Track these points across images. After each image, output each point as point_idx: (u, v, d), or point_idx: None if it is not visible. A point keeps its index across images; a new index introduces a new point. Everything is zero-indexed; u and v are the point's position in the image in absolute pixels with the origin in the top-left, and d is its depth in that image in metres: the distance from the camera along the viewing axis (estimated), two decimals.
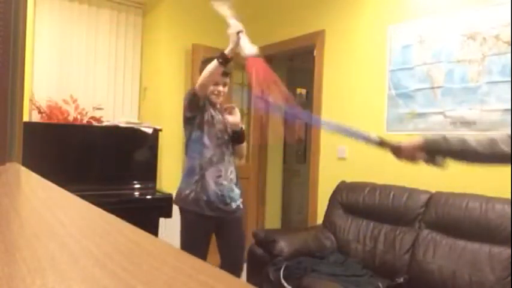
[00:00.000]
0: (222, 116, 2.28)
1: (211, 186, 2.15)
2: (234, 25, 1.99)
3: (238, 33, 1.95)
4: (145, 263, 0.31)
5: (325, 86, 3.39)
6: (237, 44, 1.96)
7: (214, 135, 2.21)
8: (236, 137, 2.27)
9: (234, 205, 2.22)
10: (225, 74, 2.20)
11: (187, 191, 2.16)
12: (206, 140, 2.17)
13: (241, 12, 4.02)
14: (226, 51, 1.99)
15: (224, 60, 1.99)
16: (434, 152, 1.34)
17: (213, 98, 2.24)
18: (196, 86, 2.12)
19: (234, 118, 2.24)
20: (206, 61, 2.24)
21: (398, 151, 1.41)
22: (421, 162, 1.38)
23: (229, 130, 2.27)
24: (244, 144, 2.35)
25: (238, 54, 2.02)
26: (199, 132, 2.19)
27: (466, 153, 1.28)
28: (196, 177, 2.15)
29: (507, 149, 1.21)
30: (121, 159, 3.38)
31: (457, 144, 1.29)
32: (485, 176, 2.36)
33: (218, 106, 2.29)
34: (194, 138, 2.20)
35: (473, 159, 1.31)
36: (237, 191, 2.24)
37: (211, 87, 2.20)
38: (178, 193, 2.23)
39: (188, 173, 2.19)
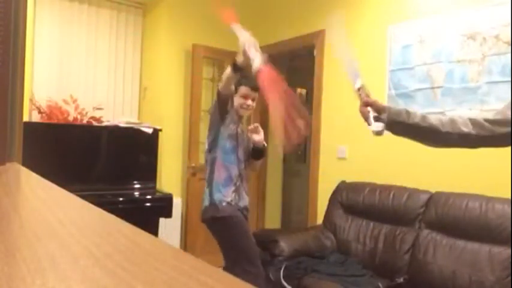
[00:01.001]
0: (246, 134, 2.35)
1: (245, 198, 2.26)
2: (243, 37, 1.91)
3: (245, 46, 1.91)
4: (145, 263, 0.31)
5: (325, 86, 3.39)
6: (246, 56, 1.89)
7: (244, 150, 2.29)
8: (258, 153, 2.33)
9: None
10: (255, 89, 2.24)
11: (227, 200, 2.17)
12: (240, 154, 2.25)
13: (242, 12, 4.03)
14: (238, 61, 1.99)
15: (235, 67, 2.00)
16: (392, 120, 1.29)
17: (242, 111, 2.28)
18: (219, 87, 2.18)
19: (259, 137, 2.29)
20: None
21: (361, 104, 1.41)
22: (370, 120, 1.34)
23: (249, 147, 2.34)
24: (261, 161, 2.43)
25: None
26: (234, 143, 2.23)
27: (425, 130, 1.26)
28: (233, 188, 2.20)
29: (466, 129, 1.23)
30: (121, 159, 3.38)
31: (418, 117, 1.27)
32: (485, 176, 2.36)
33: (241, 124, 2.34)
34: (229, 148, 2.22)
35: (432, 137, 1.28)
36: None
37: (241, 101, 2.24)
38: (216, 204, 2.17)
39: (226, 182, 2.20)
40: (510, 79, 2.25)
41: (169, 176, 3.67)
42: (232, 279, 0.27)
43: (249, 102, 2.26)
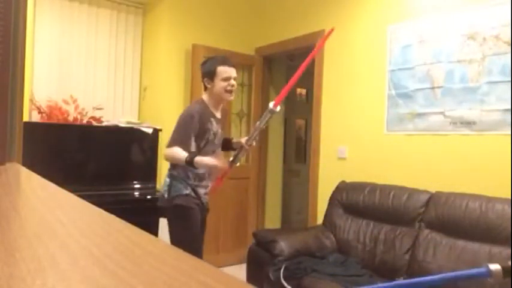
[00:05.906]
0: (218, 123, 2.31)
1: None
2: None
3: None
4: (145, 263, 0.31)
5: (325, 86, 3.39)
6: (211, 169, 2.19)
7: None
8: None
9: None
10: (233, 65, 2.20)
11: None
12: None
13: (242, 13, 4.03)
14: (195, 161, 2.08)
15: (190, 164, 2.11)
16: None
17: (227, 96, 2.21)
18: (165, 156, 2.32)
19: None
20: (206, 62, 2.27)
21: None
22: None
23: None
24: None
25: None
26: (207, 145, 2.30)
27: None
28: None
29: None
30: (121, 159, 3.38)
31: None
32: (485, 176, 2.36)
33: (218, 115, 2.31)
34: (207, 150, 2.28)
35: None
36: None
37: (224, 84, 2.18)
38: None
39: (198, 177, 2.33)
40: (510, 79, 2.25)
41: None
42: (232, 279, 0.27)
43: (233, 81, 2.18)
